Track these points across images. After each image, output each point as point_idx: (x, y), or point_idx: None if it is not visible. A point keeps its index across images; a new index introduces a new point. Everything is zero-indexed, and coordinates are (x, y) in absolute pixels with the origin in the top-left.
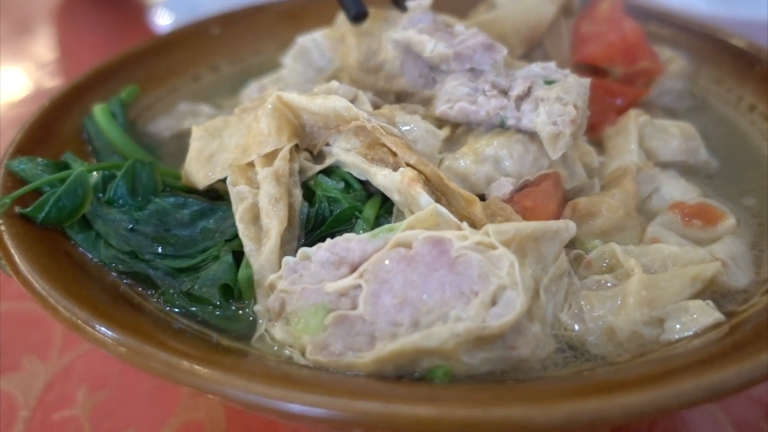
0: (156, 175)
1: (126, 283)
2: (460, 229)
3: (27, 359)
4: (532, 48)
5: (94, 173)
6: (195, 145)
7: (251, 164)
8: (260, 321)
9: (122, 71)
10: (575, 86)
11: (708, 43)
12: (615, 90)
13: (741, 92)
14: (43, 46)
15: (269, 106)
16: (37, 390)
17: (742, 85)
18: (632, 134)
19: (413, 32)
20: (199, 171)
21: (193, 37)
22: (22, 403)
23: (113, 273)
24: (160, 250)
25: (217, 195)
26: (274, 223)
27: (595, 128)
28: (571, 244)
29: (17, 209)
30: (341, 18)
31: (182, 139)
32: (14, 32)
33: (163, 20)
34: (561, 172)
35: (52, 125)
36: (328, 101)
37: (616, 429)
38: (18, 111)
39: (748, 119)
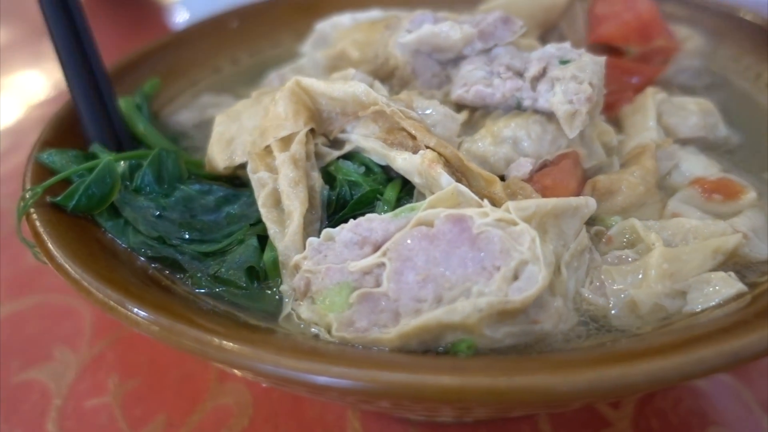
0: (181, 163)
1: (154, 267)
2: (480, 206)
3: (58, 350)
4: (547, 31)
5: (122, 162)
6: (217, 129)
7: (270, 151)
8: (286, 300)
9: (143, 65)
10: (590, 64)
11: (725, 20)
12: (631, 68)
13: (760, 69)
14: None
15: (287, 90)
16: (69, 379)
17: (761, 62)
18: (650, 112)
19: (428, 26)
20: (219, 154)
21: (211, 30)
22: (55, 392)
23: (142, 258)
24: (186, 235)
25: (240, 182)
26: (295, 205)
27: (612, 107)
28: (592, 221)
29: (48, 199)
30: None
31: (205, 130)
32: (34, 34)
33: (180, 18)
34: (580, 151)
35: (78, 118)
36: (347, 86)
37: (640, 407)
38: (41, 112)
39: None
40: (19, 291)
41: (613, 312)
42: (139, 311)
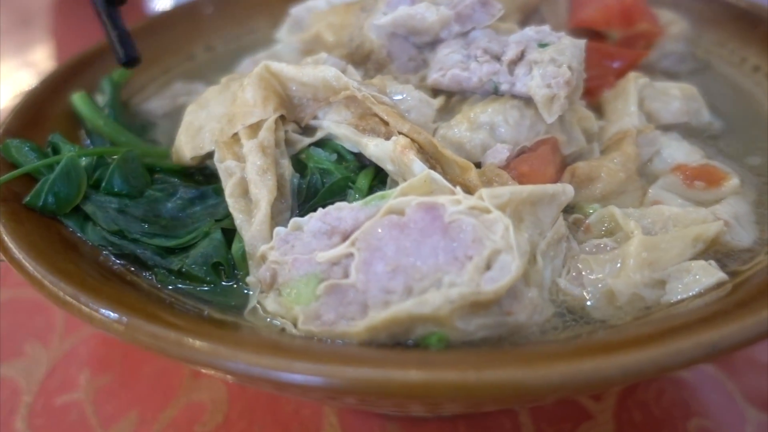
0: (144, 171)
1: (120, 264)
2: (453, 194)
3: (29, 345)
4: (528, 15)
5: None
6: (186, 119)
7: (237, 139)
8: (252, 293)
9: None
10: (570, 47)
11: (710, 4)
12: (613, 53)
13: (744, 53)
14: (43, 38)
15: (255, 76)
16: (39, 375)
17: (746, 47)
18: (632, 97)
19: (404, 8)
20: (187, 144)
21: (185, 16)
22: (25, 388)
23: (104, 253)
24: (147, 227)
25: (210, 173)
26: (263, 193)
27: (593, 92)
28: (570, 209)
29: (24, 201)
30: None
31: (176, 118)
32: (14, 25)
33: (158, 3)
34: (559, 138)
35: (43, 108)
36: (317, 71)
37: (622, 399)
38: None
39: (753, 80)
40: None
41: (590, 303)
42: (94, 305)
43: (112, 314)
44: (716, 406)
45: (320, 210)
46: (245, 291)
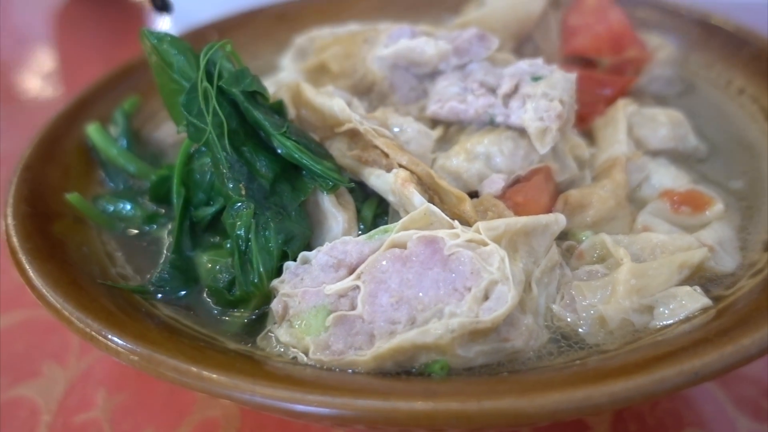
0: None
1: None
2: (452, 227)
3: (46, 365)
4: (522, 42)
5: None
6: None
7: None
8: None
9: (124, 82)
10: (561, 81)
11: (697, 27)
12: (603, 80)
13: (730, 76)
14: (45, 53)
15: (287, 89)
16: (57, 394)
17: (731, 69)
18: (621, 124)
19: (405, 41)
20: None
21: (191, 43)
22: (44, 408)
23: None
24: None
25: None
26: None
27: (585, 119)
28: (564, 236)
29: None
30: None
31: None
32: (15, 40)
33: (162, 24)
34: (552, 166)
35: (59, 140)
36: (328, 100)
37: (619, 410)
38: (22, 118)
39: (737, 102)
40: (6, 307)
41: (582, 329)
42: (121, 341)
43: (137, 349)
44: (708, 416)
45: (327, 244)
46: (253, 317)
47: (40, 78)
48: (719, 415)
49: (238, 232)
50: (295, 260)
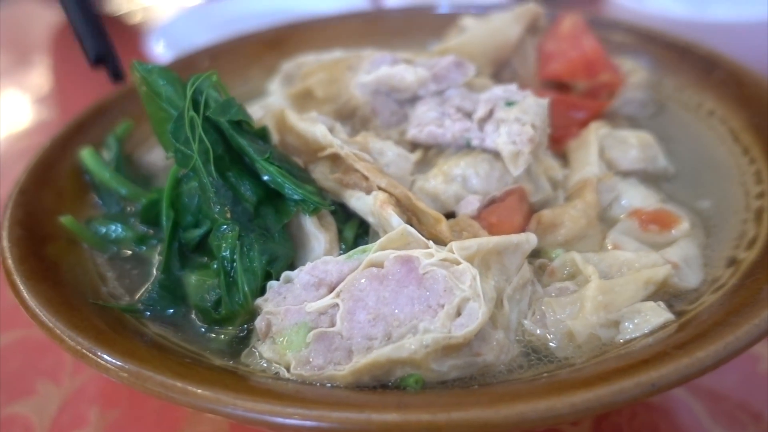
0: None
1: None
2: (427, 247)
3: (41, 383)
4: (501, 67)
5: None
6: None
7: None
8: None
9: (117, 107)
10: (533, 107)
11: (670, 51)
12: (577, 104)
13: (701, 98)
14: (42, 76)
15: (271, 117)
16: (51, 412)
17: (702, 92)
18: (593, 146)
19: (386, 68)
20: None
21: (183, 70)
22: (38, 425)
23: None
24: None
25: None
26: None
27: (559, 141)
28: (536, 254)
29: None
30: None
31: None
32: (13, 63)
33: (157, 47)
34: (526, 187)
35: (53, 164)
36: (311, 126)
37: (598, 422)
38: (22, 144)
39: (707, 124)
40: (3, 326)
41: (552, 343)
42: (109, 358)
43: (126, 366)
44: (684, 426)
45: (309, 264)
46: (241, 335)
47: (37, 104)
48: (695, 425)
49: (224, 254)
50: (278, 280)
